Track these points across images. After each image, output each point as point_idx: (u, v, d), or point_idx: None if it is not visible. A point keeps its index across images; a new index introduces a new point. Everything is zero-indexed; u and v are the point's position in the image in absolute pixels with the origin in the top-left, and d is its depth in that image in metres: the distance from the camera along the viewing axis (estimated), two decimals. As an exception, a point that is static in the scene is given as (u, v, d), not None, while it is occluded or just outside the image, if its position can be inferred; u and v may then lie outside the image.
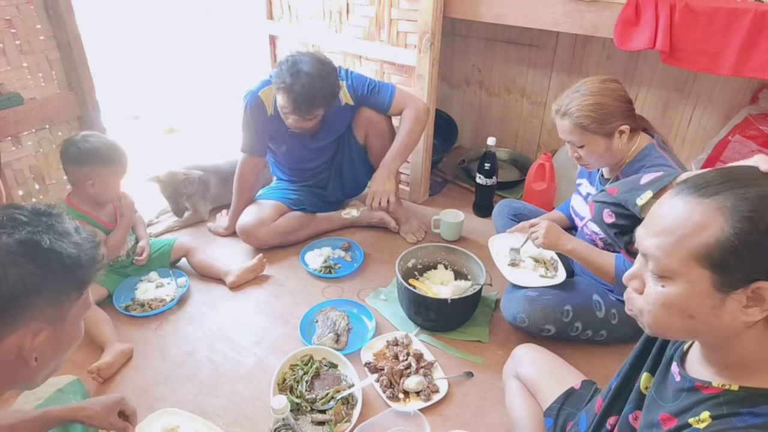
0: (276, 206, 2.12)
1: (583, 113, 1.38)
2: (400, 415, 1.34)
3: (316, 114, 1.83)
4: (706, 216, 0.65)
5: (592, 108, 1.38)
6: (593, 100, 1.38)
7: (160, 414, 1.36)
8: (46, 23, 1.79)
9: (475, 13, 2.03)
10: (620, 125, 1.40)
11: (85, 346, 1.63)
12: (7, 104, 1.73)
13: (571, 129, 1.42)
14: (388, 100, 2.00)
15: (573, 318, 1.53)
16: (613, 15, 1.72)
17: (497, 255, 1.72)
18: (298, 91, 1.74)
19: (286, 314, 1.80)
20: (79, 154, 1.62)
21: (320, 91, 1.77)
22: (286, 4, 2.43)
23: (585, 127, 1.39)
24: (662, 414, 0.77)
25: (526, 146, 2.78)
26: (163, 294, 1.84)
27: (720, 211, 0.65)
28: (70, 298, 0.75)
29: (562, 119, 1.43)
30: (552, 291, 1.57)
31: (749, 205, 0.63)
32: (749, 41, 1.54)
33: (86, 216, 1.70)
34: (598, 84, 1.41)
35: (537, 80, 2.59)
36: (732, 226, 0.63)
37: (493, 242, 1.78)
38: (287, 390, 1.46)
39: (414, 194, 2.48)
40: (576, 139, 1.43)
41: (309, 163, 2.18)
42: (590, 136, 1.41)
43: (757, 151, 2.00)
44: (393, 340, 1.64)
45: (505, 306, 1.62)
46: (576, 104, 1.39)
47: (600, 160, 1.47)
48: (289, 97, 1.77)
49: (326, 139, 2.09)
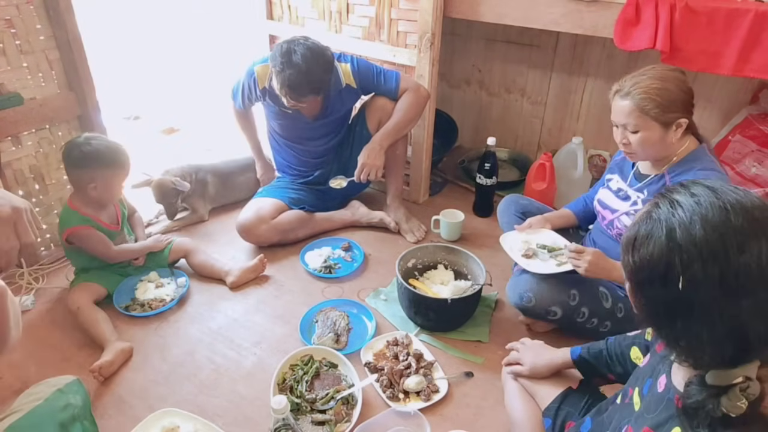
0: (276, 204, 2.12)
1: (648, 96, 1.33)
2: (400, 415, 1.34)
3: (307, 100, 1.88)
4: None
5: (657, 92, 1.33)
6: (660, 84, 1.34)
7: (160, 414, 1.36)
8: (46, 23, 1.79)
9: (475, 13, 2.03)
10: (680, 117, 1.36)
11: (86, 346, 1.63)
12: (7, 104, 1.73)
13: (630, 111, 1.37)
14: (395, 85, 2.04)
15: (579, 302, 1.51)
16: (613, 15, 1.72)
17: (511, 250, 1.68)
18: (289, 79, 1.79)
19: (286, 314, 1.79)
20: (82, 157, 1.62)
21: (309, 81, 1.81)
22: (286, 4, 2.43)
23: (646, 111, 1.35)
24: (645, 428, 0.77)
25: (526, 146, 2.78)
26: (163, 294, 1.84)
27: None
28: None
29: (623, 99, 1.38)
30: (560, 274, 1.54)
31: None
32: (749, 41, 1.54)
33: (89, 219, 1.71)
34: (666, 71, 1.38)
35: (537, 80, 2.59)
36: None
37: (505, 239, 1.73)
38: (287, 390, 1.46)
39: (414, 194, 2.48)
40: (633, 123, 1.38)
41: (308, 143, 2.18)
42: (648, 121, 1.36)
43: (757, 150, 2.00)
44: (393, 340, 1.64)
45: (512, 287, 1.59)
46: (642, 87, 1.35)
47: (648, 150, 1.42)
48: (282, 83, 1.82)
49: (323, 121, 2.11)
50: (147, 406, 1.44)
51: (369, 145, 2.01)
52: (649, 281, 0.69)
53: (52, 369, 1.52)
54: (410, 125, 2.10)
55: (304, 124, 2.10)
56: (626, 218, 1.54)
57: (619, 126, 1.42)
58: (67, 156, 1.64)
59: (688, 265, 0.64)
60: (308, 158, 2.23)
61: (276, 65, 1.81)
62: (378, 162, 1.98)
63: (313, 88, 1.83)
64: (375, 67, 2.06)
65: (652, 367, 0.88)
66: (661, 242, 0.66)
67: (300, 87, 1.81)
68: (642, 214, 0.73)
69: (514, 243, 1.70)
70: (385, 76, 2.05)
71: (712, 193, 0.67)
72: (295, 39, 1.84)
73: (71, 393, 1.17)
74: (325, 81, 1.87)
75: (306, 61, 1.78)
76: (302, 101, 1.87)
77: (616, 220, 1.57)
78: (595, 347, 1.15)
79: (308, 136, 2.16)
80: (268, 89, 2.01)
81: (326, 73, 1.86)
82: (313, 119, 2.09)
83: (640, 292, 0.72)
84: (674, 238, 0.65)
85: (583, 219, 1.78)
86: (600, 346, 1.15)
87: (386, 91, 2.06)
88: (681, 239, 0.65)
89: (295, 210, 2.15)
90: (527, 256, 1.64)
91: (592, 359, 1.14)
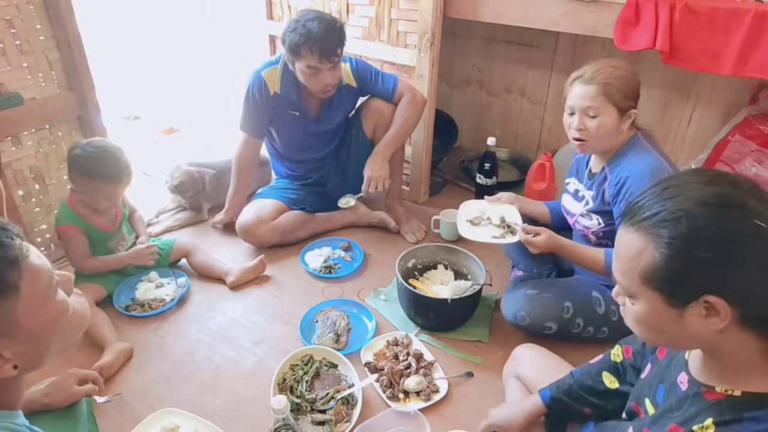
0: (276, 205, 2.12)
1: (612, 81, 1.38)
2: (400, 415, 1.34)
3: (340, 54, 1.85)
4: (638, 243, 0.71)
5: (619, 79, 1.38)
6: (621, 73, 1.39)
7: (160, 414, 1.36)
8: (46, 23, 1.79)
9: (475, 13, 2.03)
10: (633, 107, 1.41)
11: (85, 347, 1.63)
12: (7, 104, 1.73)
13: (595, 94, 1.39)
14: (392, 88, 2.04)
15: (573, 314, 1.53)
16: (613, 15, 1.72)
17: (459, 216, 1.72)
18: (317, 36, 1.77)
19: (286, 314, 1.79)
20: (71, 161, 1.65)
21: (333, 26, 1.80)
22: (286, 4, 2.43)
23: (610, 95, 1.38)
24: (671, 425, 0.76)
25: (526, 146, 2.78)
26: (163, 294, 1.84)
27: (648, 238, 0.70)
28: (2, 305, 0.72)
29: (587, 84, 1.41)
30: (552, 289, 1.57)
31: (669, 232, 0.68)
32: (749, 41, 1.54)
33: (81, 219, 1.72)
34: (621, 62, 1.43)
35: (537, 80, 2.59)
36: (660, 252, 0.68)
37: (466, 205, 1.78)
38: (287, 390, 1.46)
39: (414, 194, 2.48)
40: (595, 106, 1.40)
41: (310, 151, 2.17)
42: (609, 106, 1.40)
43: (756, 150, 2.00)
44: (393, 340, 1.64)
45: (505, 305, 1.62)
46: (605, 72, 1.39)
47: (602, 138, 1.44)
48: (313, 47, 1.78)
49: (328, 123, 2.10)
50: (147, 406, 1.44)
51: (372, 158, 2.00)
52: (740, 243, 0.66)
53: (53, 369, 1.50)
54: (410, 132, 2.10)
55: (306, 126, 2.08)
56: (582, 219, 1.57)
57: (578, 111, 1.45)
58: (70, 166, 1.66)
59: (743, 205, 0.66)
60: (308, 164, 2.22)
61: (300, 37, 1.77)
62: (383, 173, 1.98)
63: (339, 30, 1.82)
64: (373, 68, 2.06)
65: (659, 374, 0.87)
66: (708, 214, 0.67)
67: (332, 36, 1.78)
68: (654, 236, 0.71)
69: (470, 210, 1.74)
70: (383, 78, 2.05)
71: (686, 176, 0.73)
72: (296, 14, 1.86)
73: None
74: (340, 20, 1.86)
75: (318, 14, 1.81)
76: (337, 56, 1.83)
77: (576, 223, 1.60)
78: (563, 383, 1.11)
79: (309, 142, 2.14)
80: (279, 93, 1.98)
81: (343, 31, 1.85)
82: (316, 119, 2.07)
83: (737, 268, 0.67)
84: (710, 203, 0.67)
85: (557, 219, 1.76)
86: (567, 381, 1.11)
87: (383, 92, 2.05)
88: (713, 200, 0.68)
89: (296, 210, 2.15)
90: (473, 222, 1.67)
91: (563, 396, 1.10)
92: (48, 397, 1.14)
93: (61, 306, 0.81)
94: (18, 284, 0.73)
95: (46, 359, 0.81)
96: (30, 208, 1.92)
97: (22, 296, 0.74)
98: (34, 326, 0.76)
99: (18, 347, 0.75)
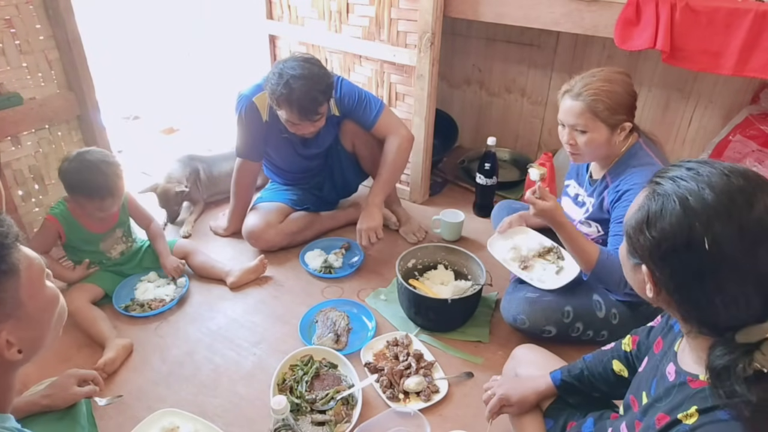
0: (280, 208, 2.12)
1: (598, 98, 1.37)
2: (400, 416, 1.34)
3: (322, 112, 1.80)
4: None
5: (607, 95, 1.37)
6: (609, 87, 1.37)
7: (159, 414, 1.36)
8: (45, 23, 1.79)
9: (476, 12, 2.03)
10: (625, 121, 1.40)
11: (86, 347, 1.63)
12: (6, 104, 1.73)
13: (581, 112, 1.39)
14: (373, 118, 1.97)
15: (573, 318, 1.52)
16: (613, 15, 1.71)
17: (505, 261, 1.68)
18: (298, 98, 1.72)
19: (286, 314, 1.79)
20: (69, 188, 1.67)
21: (317, 87, 1.74)
22: (286, 3, 2.43)
23: (596, 112, 1.38)
24: (658, 414, 0.78)
25: (526, 146, 2.77)
26: (162, 294, 1.84)
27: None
28: (6, 288, 0.74)
29: (574, 100, 1.40)
30: (552, 292, 1.56)
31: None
32: (750, 41, 1.54)
33: (74, 219, 1.73)
34: (614, 74, 1.41)
35: (537, 80, 2.59)
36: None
37: (494, 247, 1.73)
38: (287, 390, 1.45)
39: (414, 194, 2.48)
40: (582, 123, 1.40)
41: (301, 168, 2.16)
42: (597, 123, 1.39)
43: (757, 150, 1.99)
44: (393, 340, 1.64)
45: (505, 307, 1.61)
46: (592, 88, 1.38)
47: (594, 151, 1.45)
48: (292, 107, 1.74)
49: (316, 148, 2.07)
50: (146, 406, 1.44)
51: (365, 211, 1.95)
52: (673, 250, 0.71)
53: (52, 369, 1.50)
54: (400, 173, 2.06)
55: (296, 150, 2.04)
56: (581, 226, 1.56)
57: (567, 126, 1.45)
58: (63, 181, 1.67)
59: (709, 225, 0.68)
60: (303, 175, 2.20)
61: (280, 93, 1.72)
62: (375, 223, 1.92)
63: (324, 90, 1.76)
64: (358, 95, 1.97)
65: (655, 368, 0.88)
66: (678, 211, 0.70)
67: (314, 97, 1.72)
68: (644, 197, 0.76)
69: (503, 251, 1.71)
70: (368, 106, 1.97)
71: (706, 165, 0.73)
72: (281, 61, 1.78)
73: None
74: (329, 77, 1.80)
75: (303, 68, 1.72)
76: (318, 115, 1.78)
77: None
78: (575, 368, 1.13)
79: (303, 163, 2.12)
80: (268, 121, 1.94)
81: (325, 70, 1.80)
82: (304, 145, 2.03)
83: (664, 265, 0.73)
84: (689, 206, 0.69)
85: None
86: (579, 366, 1.13)
87: (363, 119, 1.99)
88: (695, 204, 0.69)
89: (301, 211, 2.15)
90: (524, 267, 1.66)
91: (574, 381, 1.11)
92: (47, 398, 1.14)
93: (54, 291, 0.84)
94: (19, 266, 0.75)
95: (44, 344, 0.83)
96: (29, 208, 1.92)
97: (23, 278, 0.76)
98: (35, 307, 0.79)
99: (21, 332, 0.77)
